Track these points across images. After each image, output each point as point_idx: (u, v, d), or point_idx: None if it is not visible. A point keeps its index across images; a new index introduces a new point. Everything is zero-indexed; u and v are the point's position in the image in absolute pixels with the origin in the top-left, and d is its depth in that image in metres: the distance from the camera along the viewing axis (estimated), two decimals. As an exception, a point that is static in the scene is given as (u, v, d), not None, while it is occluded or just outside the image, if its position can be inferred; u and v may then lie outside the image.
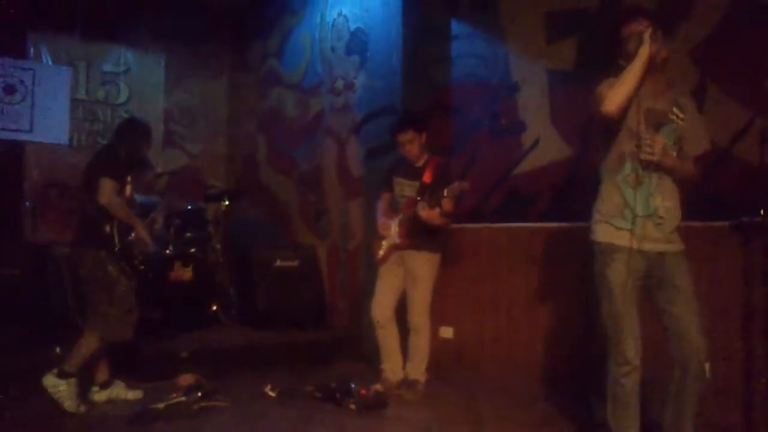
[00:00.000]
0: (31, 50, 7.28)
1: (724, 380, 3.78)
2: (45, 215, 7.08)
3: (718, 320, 3.81)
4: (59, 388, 4.02)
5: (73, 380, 4.07)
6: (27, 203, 6.92)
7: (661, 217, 3.00)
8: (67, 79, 7.39)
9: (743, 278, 3.76)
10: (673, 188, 3.05)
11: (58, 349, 4.76)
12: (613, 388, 3.02)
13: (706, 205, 3.85)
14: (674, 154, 3.02)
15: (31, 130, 7.05)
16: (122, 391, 4.44)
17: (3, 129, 6.91)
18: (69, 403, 4.04)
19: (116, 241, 4.20)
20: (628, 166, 3.03)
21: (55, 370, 4.05)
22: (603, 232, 3.08)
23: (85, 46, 7.63)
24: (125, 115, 7.82)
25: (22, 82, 7.05)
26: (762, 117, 3.90)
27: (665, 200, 3.02)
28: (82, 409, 4.12)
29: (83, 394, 4.26)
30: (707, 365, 2.97)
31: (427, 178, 4.64)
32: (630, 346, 2.97)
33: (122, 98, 7.92)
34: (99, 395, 4.37)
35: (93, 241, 4.23)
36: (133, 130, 4.57)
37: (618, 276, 2.99)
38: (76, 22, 7.49)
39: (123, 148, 4.39)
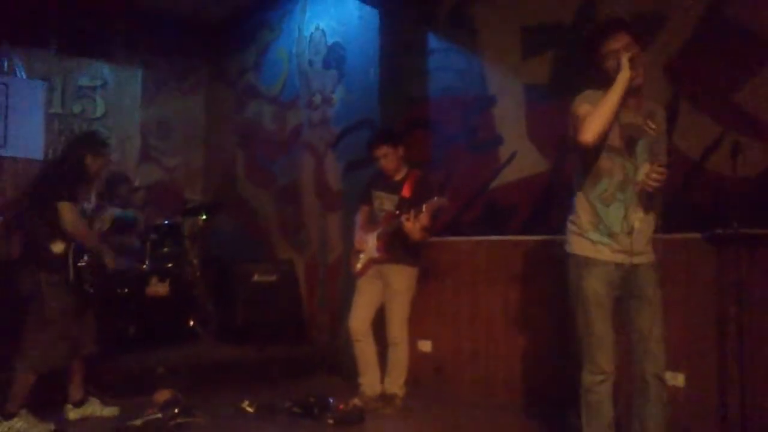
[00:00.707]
0: (5, 64, 7.22)
1: (699, 390, 3.83)
2: (18, 230, 6.99)
3: (692, 330, 3.86)
4: (15, 426, 3.89)
5: (23, 411, 3.93)
6: (0, 218, 6.84)
7: (636, 230, 3.02)
8: (41, 94, 7.34)
9: (717, 289, 3.81)
10: (649, 200, 3.06)
11: None
12: (587, 397, 3.03)
13: (679, 217, 3.89)
14: (648, 165, 3.02)
15: (4, 145, 6.99)
16: (97, 408, 4.38)
17: (-24, 144, 6.86)
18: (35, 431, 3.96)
19: (70, 262, 4.04)
20: (603, 184, 3.02)
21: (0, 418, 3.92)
22: (578, 245, 3.09)
23: (60, 60, 7.57)
24: (103, 131, 7.78)
25: (-5, 96, 7.00)
26: (733, 130, 3.96)
27: (642, 213, 3.04)
28: (52, 427, 4.04)
29: (56, 413, 4.20)
30: (668, 375, 3.00)
31: (406, 192, 4.66)
32: (604, 356, 2.98)
33: (99, 112, 7.86)
34: (73, 413, 4.30)
35: (33, 261, 4.08)
36: (83, 144, 4.44)
37: (593, 288, 3.01)
38: (51, 36, 7.44)
39: (71, 162, 4.25)
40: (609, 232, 3.01)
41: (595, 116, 2.87)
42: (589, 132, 2.87)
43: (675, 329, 3.80)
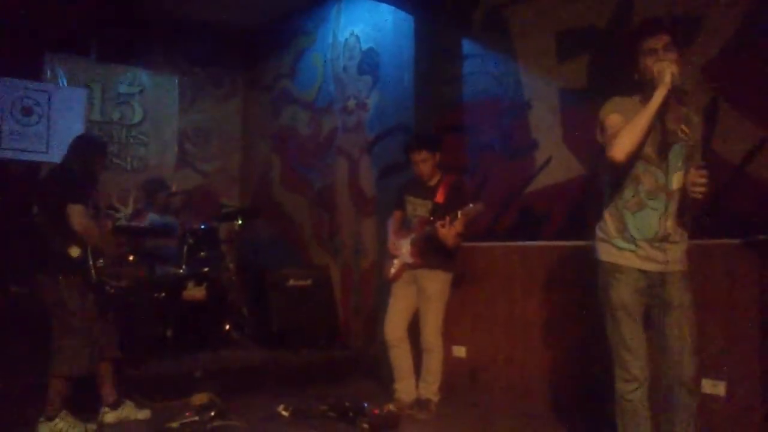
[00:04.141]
0: (48, 72, 7.37)
1: (741, 399, 3.75)
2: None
3: (734, 339, 3.78)
4: (57, 427, 3.96)
5: (62, 413, 3.99)
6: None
7: (665, 239, 2.96)
8: (82, 101, 7.46)
9: (759, 296, 3.72)
10: (686, 208, 3.00)
11: None
12: (621, 404, 3.00)
13: (720, 223, 3.83)
14: (683, 173, 2.96)
15: (47, 151, 7.11)
16: (132, 412, 4.41)
17: (20, 150, 7.00)
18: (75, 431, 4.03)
19: (90, 264, 4.04)
20: (629, 191, 2.98)
21: (42, 418, 3.97)
22: (606, 252, 3.06)
23: (100, 68, 7.71)
24: (141, 137, 7.92)
25: (38, 103, 7.13)
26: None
27: (677, 221, 2.98)
28: (94, 427, 4.14)
29: (90, 415, 4.25)
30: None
31: (439, 197, 4.65)
32: (636, 363, 2.95)
33: (136, 119, 7.98)
34: (109, 416, 4.34)
35: (50, 266, 4.07)
36: (87, 147, 4.44)
37: (620, 295, 2.98)
38: (91, 44, 7.58)
39: (78, 166, 4.24)
40: (634, 240, 2.97)
41: (628, 133, 2.82)
42: (621, 150, 2.82)
43: (715, 337, 3.75)
